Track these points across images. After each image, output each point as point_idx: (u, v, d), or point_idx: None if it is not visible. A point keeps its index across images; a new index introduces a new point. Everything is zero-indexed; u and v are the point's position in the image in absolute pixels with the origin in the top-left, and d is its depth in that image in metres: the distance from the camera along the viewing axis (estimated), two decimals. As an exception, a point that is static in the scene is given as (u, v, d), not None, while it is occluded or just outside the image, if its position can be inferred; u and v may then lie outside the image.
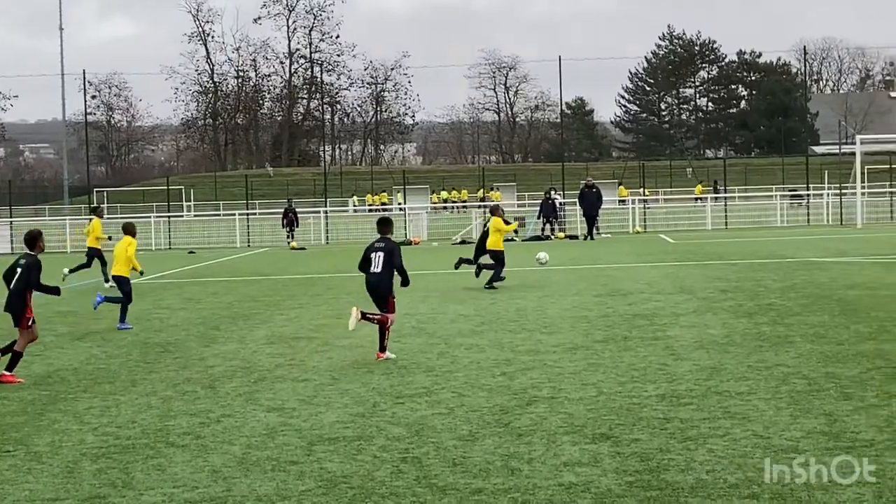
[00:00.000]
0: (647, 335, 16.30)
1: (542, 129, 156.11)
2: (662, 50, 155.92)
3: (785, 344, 14.94)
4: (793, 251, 32.96)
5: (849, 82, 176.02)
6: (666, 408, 11.08)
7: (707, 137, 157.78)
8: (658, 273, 27.02)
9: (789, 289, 21.98)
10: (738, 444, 9.46)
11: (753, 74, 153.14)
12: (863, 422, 10.11)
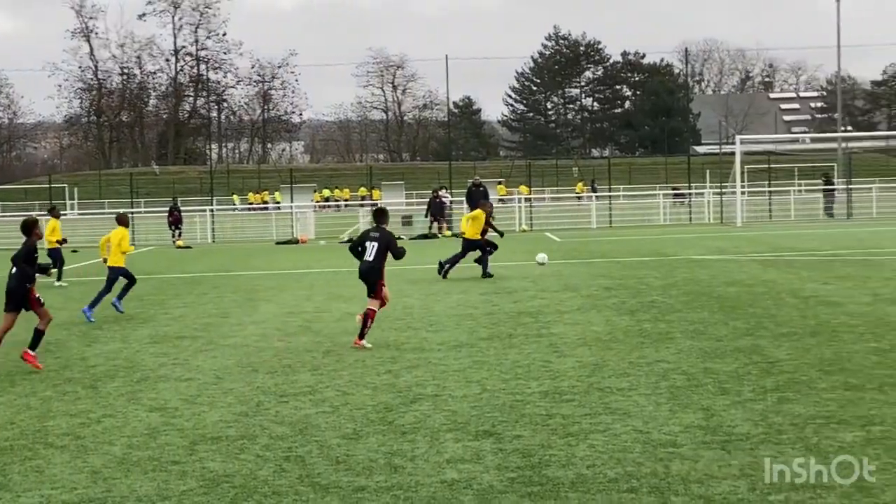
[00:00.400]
0: (532, 332, 16.44)
1: (429, 127, 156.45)
2: (549, 50, 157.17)
3: (666, 340, 15.18)
4: (675, 249, 33.45)
5: (729, 83, 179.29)
6: (548, 404, 11.20)
7: (592, 137, 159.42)
8: (543, 271, 27.23)
9: (671, 286, 22.32)
10: (618, 440, 9.60)
11: (637, 75, 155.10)
12: (739, 416, 10.31)
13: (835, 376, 12.12)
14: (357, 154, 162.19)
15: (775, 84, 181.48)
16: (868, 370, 12.42)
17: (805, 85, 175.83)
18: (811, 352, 13.80)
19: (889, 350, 13.72)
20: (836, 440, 9.29)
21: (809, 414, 10.29)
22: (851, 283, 21.94)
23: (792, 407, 10.61)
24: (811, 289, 21.05)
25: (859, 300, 19.04)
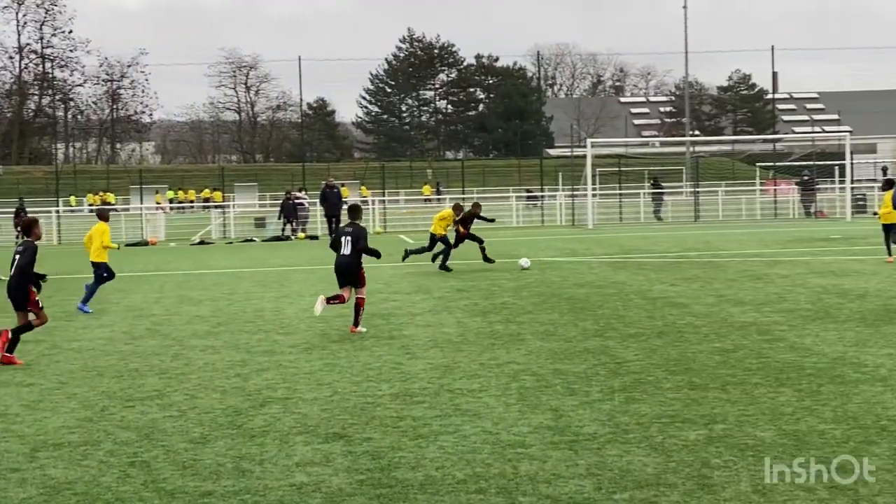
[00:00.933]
0: (384, 334, 16.43)
1: (283, 128, 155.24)
2: (403, 52, 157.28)
3: (516, 342, 15.30)
4: (527, 251, 33.70)
5: (581, 87, 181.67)
6: (399, 406, 11.20)
7: (447, 139, 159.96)
8: (397, 273, 27.25)
9: (522, 288, 22.51)
10: (467, 441, 9.63)
11: (491, 78, 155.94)
12: (587, 416, 10.43)
13: (680, 376, 12.34)
14: (209, 155, 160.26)
15: (626, 88, 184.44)
16: (711, 370, 12.67)
17: (655, 90, 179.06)
18: (658, 352, 14.04)
19: (732, 350, 14.02)
20: (680, 438, 9.45)
21: (655, 413, 10.45)
22: (697, 284, 22.38)
23: (638, 407, 10.77)
24: (659, 290, 21.43)
25: (704, 301, 19.44)
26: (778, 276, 23.57)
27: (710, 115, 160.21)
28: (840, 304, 18.59)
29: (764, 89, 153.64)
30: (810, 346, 14.26)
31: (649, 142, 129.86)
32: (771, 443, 9.22)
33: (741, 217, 58.45)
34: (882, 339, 14.57)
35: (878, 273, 23.78)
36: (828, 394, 11.15)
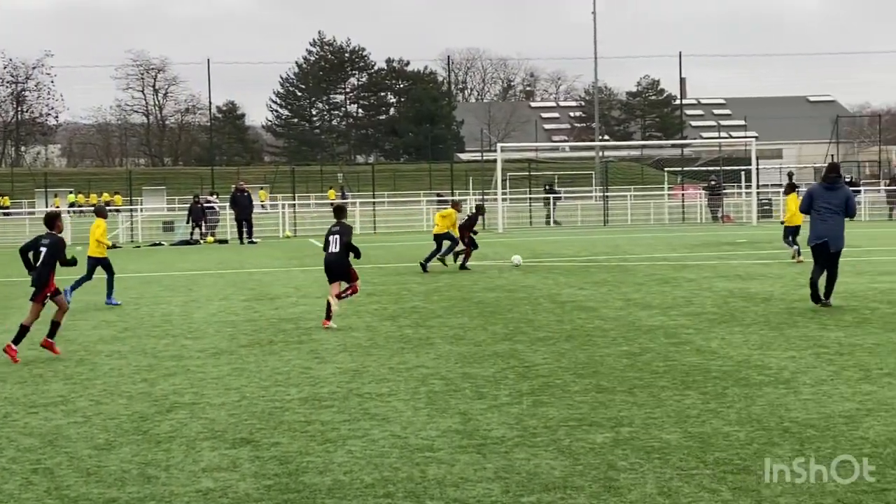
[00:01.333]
0: (293, 339, 16.36)
1: (192, 132, 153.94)
2: (313, 56, 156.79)
3: (426, 346, 15.32)
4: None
5: (492, 92, 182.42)
6: (308, 411, 11.15)
7: (357, 143, 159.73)
8: (307, 277, 27.17)
9: (433, 292, 22.55)
10: (376, 445, 9.62)
11: (402, 82, 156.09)
12: (495, 420, 10.47)
13: (587, 379, 12.42)
14: (117, 158, 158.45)
15: (536, 93, 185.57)
16: (619, 373, 12.78)
17: (565, 94, 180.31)
18: (566, 356, 14.12)
19: (639, 353, 14.15)
20: (588, 441, 9.51)
21: (562, 416, 10.51)
22: (606, 288, 22.56)
23: (546, 410, 10.82)
24: (568, 294, 21.57)
25: (613, 305, 19.61)
26: (685, 280, 23.84)
27: (619, 120, 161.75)
28: (745, 307, 18.84)
29: (672, 95, 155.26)
30: (716, 349, 14.43)
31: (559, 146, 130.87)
32: (676, 445, 9.32)
33: (650, 221, 59.05)
34: (786, 342, 14.79)
35: (783, 276, 24.14)
36: (733, 396, 11.29)
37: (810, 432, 9.65)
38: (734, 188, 65.71)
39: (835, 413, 10.38)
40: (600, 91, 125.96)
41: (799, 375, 12.36)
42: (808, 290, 19.04)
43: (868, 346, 14.29)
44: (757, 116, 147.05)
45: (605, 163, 78.26)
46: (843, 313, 17.68)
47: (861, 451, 8.99)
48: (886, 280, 22.88)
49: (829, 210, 18.88)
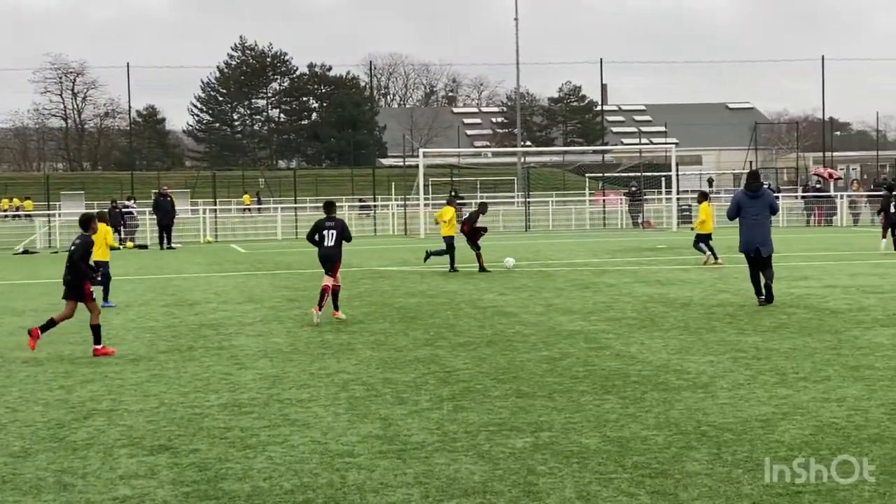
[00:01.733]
0: (213, 345, 16.26)
1: (112, 136, 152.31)
2: (235, 60, 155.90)
3: (347, 351, 15.29)
4: (359, 260, 33.75)
5: (415, 97, 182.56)
6: (227, 417, 11.09)
7: (279, 148, 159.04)
8: (227, 283, 27.02)
9: (354, 297, 22.52)
10: (296, 451, 9.58)
11: (324, 87, 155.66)
12: (416, 425, 10.47)
13: (508, 384, 12.47)
14: (34, 162, 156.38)
15: (459, 99, 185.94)
16: (539, 378, 12.84)
17: (487, 100, 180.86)
18: (487, 361, 14.17)
19: (559, 358, 14.22)
20: (508, 446, 9.54)
21: (483, 421, 10.54)
22: (527, 293, 22.66)
23: (466, 415, 10.85)
24: (489, 299, 21.64)
25: (534, 310, 19.70)
26: (605, 286, 24.01)
27: (541, 125, 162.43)
28: (665, 312, 19.01)
29: (594, 101, 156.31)
30: (635, 353, 14.55)
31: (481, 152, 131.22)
32: (595, 449, 9.38)
33: (571, 227, 59.40)
34: (704, 347, 14.95)
35: (703, 282, 24.38)
36: (651, 401, 11.39)
37: (727, 436, 9.76)
38: (654, 194, 66.27)
39: (751, 417, 10.50)
40: (522, 97, 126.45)
41: (717, 380, 12.49)
42: (726, 295, 19.27)
43: (784, 351, 14.48)
44: (677, 123, 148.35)
45: (526, 168, 78.59)
46: (761, 318, 17.89)
47: (776, 454, 9.11)
48: (803, 285, 23.20)
49: (756, 217, 19.88)
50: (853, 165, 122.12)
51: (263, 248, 43.97)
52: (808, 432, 9.83)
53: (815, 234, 47.97)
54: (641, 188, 63.14)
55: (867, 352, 14.26)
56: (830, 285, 23.08)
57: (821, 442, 9.47)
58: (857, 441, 9.47)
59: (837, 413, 10.59)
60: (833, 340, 15.31)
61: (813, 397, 11.37)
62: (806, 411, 10.70)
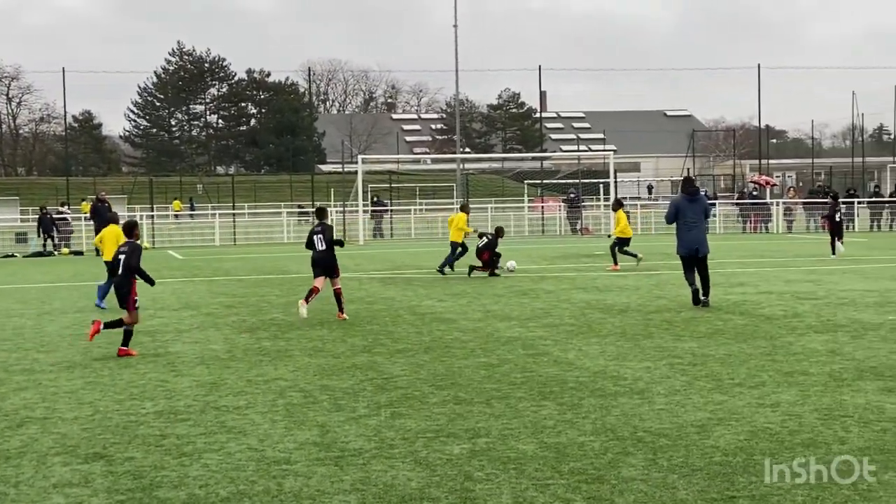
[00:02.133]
0: (149, 352, 16.14)
1: (47, 141, 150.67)
2: (172, 66, 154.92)
3: (284, 358, 15.23)
4: (297, 267, 33.59)
5: (354, 104, 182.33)
6: (163, 424, 11.01)
7: (218, 154, 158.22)
8: (165, 289, 26.80)
9: (292, 304, 22.40)
10: (232, 458, 9.53)
11: (263, 93, 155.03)
12: (353, 432, 10.45)
13: (446, 391, 12.47)
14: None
15: (398, 105, 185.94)
16: (477, 384, 12.85)
17: (426, 107, 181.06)
18: (425, 367, 14.16)
19: (497, 365, 14.25)
20: (445, 453, 9.54)
21: (420, 428, 10.54)
22: (465, 300, 22.69)
23: (404, 422, 10.84)
24: (427, 306, 21.65)
25: (472, 317, 19.72)
26: (544, 292, 24.08)
27: (480, 132, 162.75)
28: (603, 318, 19.10)
29: (532, 108, 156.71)
30: (573, 360, 14.60)
31: (421, 159, 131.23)
32: (532, 455, 9.40)
33: (510, 233, 59.47)
34: (641, 353, 15.03)
35: (640, 288, 24.53)
36: (588, 407, 11.44)
37: (663, 441, 9.82)
38: (593, 201, 66.59)
39: (687, 423, 10.57)
40: (461, 104, 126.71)
41: (653, 386, 12.57)
42: (663, 301, 19.41)
43: (720, 357, 14.59)
44: (615, 130, 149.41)
45: (465, 175, 78.78)
46: (697, 324, 18.02)
47: (711, 459, 9.18)
48: (739, 291, 23.40)
49: (693, 220, 21.06)
50: (789, 173, 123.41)
51: (201, 255, 43.70)
52: (743, 437, 9.91)
53: (751, 241, 48.39)
54: (580, 195, 63.43)
55: (801, 357, 14.41)
56: (766, 292, 23.29)
57: (755, 447, 9.55)
58: (790, 446, 9.56)
59: (772, 418, 10.69)
60: (768, 346, 15.45)
61: (748, 403, 11.47)
62: (741, 417, 10.79)
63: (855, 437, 9.88)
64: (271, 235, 57.30)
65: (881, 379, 12.75)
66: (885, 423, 10.38)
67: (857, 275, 27.62)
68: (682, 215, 21.00)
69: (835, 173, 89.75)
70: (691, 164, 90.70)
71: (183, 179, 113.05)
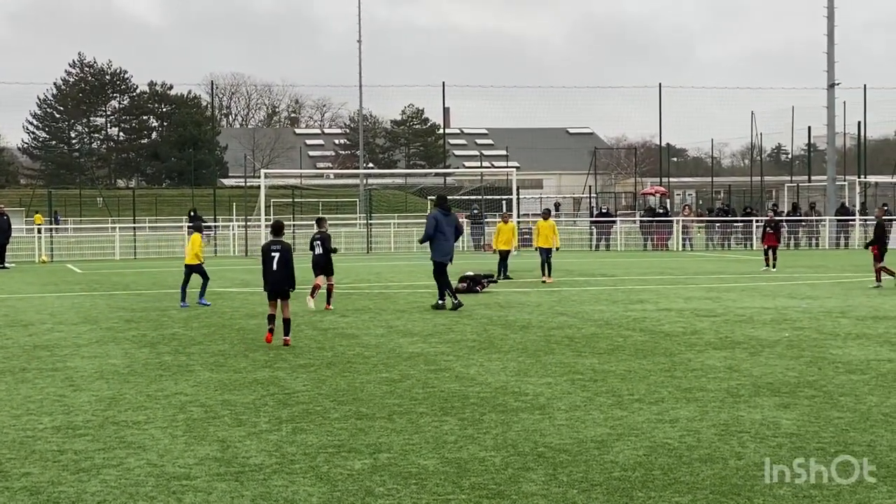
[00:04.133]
0: (47, 366, 15.91)
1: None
2: (73, 77, 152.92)
3: (185, 372, 15.11)
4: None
5: (257, 118, 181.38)
6: (61, 440, 10.87)
7: (118, 167, 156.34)
8: (63, 303, 26.48)
9: (193, 318, 22.27)
10: (131, 474, 9.44)
11: (165, 106, 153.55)
12: (254, 447, 10.40)
13: (348, 406, 12.46)
14: None
15: (301, 120, 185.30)
16: (379, 399, 12.86)
17: (330, 122, 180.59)
18: (326, 382, 14.14)
19: (399, 380, 14.27)
20: (346, 468, 9.54)
21: (321, 443, 10.52)
22: (368, 315, 22.69)
23: (305, 437, 10.81)
24: (330, 321, 21.61)
25: (374, 332, 19.73)
26: (446, 308, 24.13)
27: (383, 147, 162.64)
28: (504, 334, 19.21)
29: (436, 124, 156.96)
30: (475, 375, 14.67)
31: (324, 174, 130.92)
32: (433, 470, 9.43)
33: (413, 249, 59.52)
34: (542, 369, 15.14)
35: (541, 305, 24.69)
36: (489, 422, 11.50)
37: (563, 457, 9.90)
38: (496, 217, 66.81)
39: (587, 438, 10.67)
40: (365, 119, 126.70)
41: (554, 401, 12.67)
42: (564, 318, 19.58)
43: (620, 373, 14.75)
44: (519, 147, 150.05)
45: (368, 190, 78.69)
46: (598, 341, 18.19)
47: (611, 474, 9.28)
48: (639, 308, 23.65)
49: (449, 233, 24.62)
50: (689, 191, 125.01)
51: (100, 269, 43.18)
52: (642, 453, 10.03)
53: (651, 259, 48.91)
54: (483, 211, 63.68)
55: (700, 374, 14.62)
56: (665, 308, 23.58)
57: (654, 462, 9.67)
58: (688, 461, 9.70)
59: (671, 434, 10.83)
60: (667, 363, 15.65)
61: (647, 418, 11.61)
62: (640, 432, 10.92)
63: (751, 452, 10.04)
64: (172, 249, 56.74)
65: (777, 395, 12.98)
66: (780, 439, 10.57)
67: (755, 292, 28.07)
68: (440, 227, 24.37)
69: (734, 192, 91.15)
70: (593, 181, 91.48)
71: (83, 192, 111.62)
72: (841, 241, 60.37)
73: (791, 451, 10.05)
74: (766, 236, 38.75)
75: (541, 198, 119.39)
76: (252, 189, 67.29)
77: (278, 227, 19.48)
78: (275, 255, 18.36)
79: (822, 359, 15.95)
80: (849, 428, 11.08)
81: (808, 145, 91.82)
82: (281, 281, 18.29)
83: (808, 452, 9.97)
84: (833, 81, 68.16)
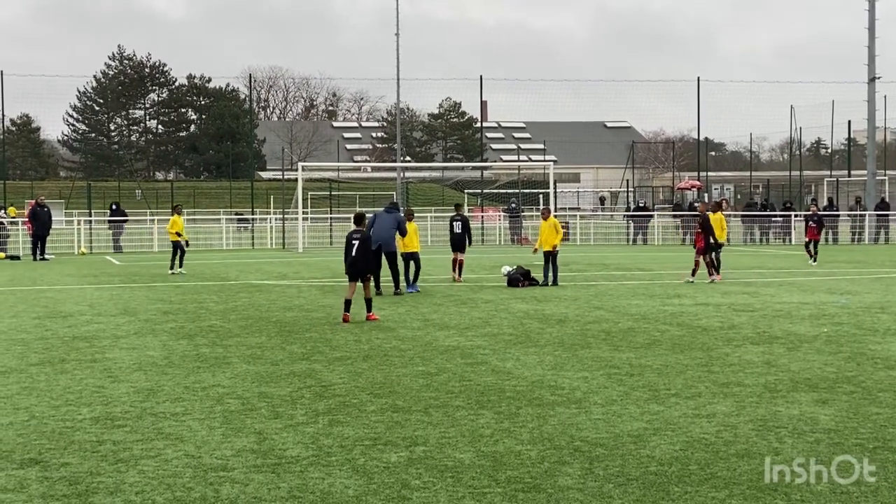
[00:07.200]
0: (86, 357, 16.03)
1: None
2: (112, 70, 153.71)
3: (222, 365, 15.18)
4: (236, 274, 33.55)
5: (295, 111, 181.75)
6: (100, 430, 10.94)
7: (157, 160, 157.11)
8: (102, 295, 26.65)
9: (230, 311, 22.36)
10: (169, 465, 9.50)
11: (203, 99, 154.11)
12: (290, 439, 10.44)
13: (384, 399, 12.49)
14: None
15: (339, 113, 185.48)
16: (415, 393, 12.88)
17: (367, 115, 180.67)
18: (363, 375, 14.18)
19: (435, 373, 14.28)
20: (382, 461, 9.56)
21: (358, 436, 10.55)
22: (404, 308, 22.73)
23: (342, 429, 10.85)
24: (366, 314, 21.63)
25: (411, 325, 19.75)
26: (483, 301, 24.15)
27: (421, 141, 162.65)
28: (541, 328, 19.20)
29: (473, 117, 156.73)
30: (511, 369, 14.67)
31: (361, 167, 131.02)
32: (469, 464, 9.44)
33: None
34: (578, 363, 15.13)
35: (578, 299, 24.66)
36: (525, 416, 11.50)
37: (599, 451, 9.89)
38: (533, 211, 66.77)
39: (623, 432, 10.66)
40: (402, 112, 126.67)
41: (590, 395, 12.65)
42: (601, 312, 19.55)
43: (657, 367, 14.71)
44: (556, 141, 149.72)
45: (405, 183, 78.78)
46: (635, 335, 18.16)
47: (647, 469, 9.26)
48: (676, 303, 23.59)
49: (390, 228, 26.36)
50: (727, 185, 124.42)
51: (139, 261, 43.43)
52: (679, 447, 10.01)
53: (688, 253, 48.69)
54: (520, 205, 63.63)
55: (737, 369, 14.56)
56: (703, 303, 23.50)
57: (690, 457, 9.65)
58: (725, 457, 9.66)
59: (707, 429, 10.80)
60: (704, 357, 15.60)
61: (684, 413, 11.58)
62: (677, 427, 10.89)
63: (789, 447, 10.00)
64: (210, 242, 57.03)
65: (815, 390, 12.92)
66: (818, 434, 10.52)
67: (794, 287, 27.93)
68: (380, 222, 26.01)
69: (772, 186, 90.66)
70: (630, 175, 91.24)
71: (122, 185, 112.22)
72: (881, 236, 59.93)
73: (829, 446, 10.01)
74: (808, 230, 38.99)
75: (578, 191, 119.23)
76: (290, 182, 67.43)
77: (359, 218, 21.86)
78: (355, 243, 20.41)
79: (860, 354, 15.87)
80: (888, 424, 11.03)
81: (847, 140, 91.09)
82: (359, 263, 20.37)
83: (846, 448, 9.92)
84: (874, 75, 67.54)
